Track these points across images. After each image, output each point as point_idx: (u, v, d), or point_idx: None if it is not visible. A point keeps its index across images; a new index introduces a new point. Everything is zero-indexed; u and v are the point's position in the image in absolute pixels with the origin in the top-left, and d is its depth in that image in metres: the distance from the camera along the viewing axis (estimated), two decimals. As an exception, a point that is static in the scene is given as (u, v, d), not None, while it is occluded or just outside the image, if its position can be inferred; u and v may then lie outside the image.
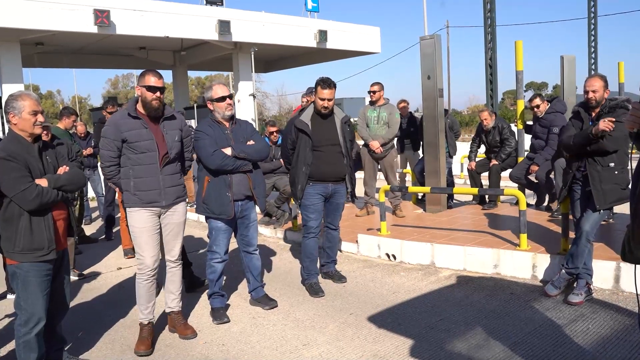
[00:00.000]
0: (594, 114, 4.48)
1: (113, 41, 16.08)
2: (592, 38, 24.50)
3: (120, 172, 3.97)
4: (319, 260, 5.44)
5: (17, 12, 12.63)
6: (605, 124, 4.15)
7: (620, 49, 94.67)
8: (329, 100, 4.94)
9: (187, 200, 4.41)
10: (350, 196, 5.48)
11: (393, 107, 7.63)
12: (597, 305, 4.38)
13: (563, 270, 4.57)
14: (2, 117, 14.25)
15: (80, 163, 7.19)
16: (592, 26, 24.44)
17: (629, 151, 4.45)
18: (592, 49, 24.47)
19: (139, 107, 3.94)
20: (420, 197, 8.79)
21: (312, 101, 5.17)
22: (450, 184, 8.28)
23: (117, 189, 5.89)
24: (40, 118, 3.42)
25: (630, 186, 2.29)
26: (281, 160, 7.51)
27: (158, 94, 3.91)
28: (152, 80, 3.87)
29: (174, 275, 4.24)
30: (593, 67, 24.34)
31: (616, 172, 4.33)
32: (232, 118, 4.46)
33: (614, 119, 4.16)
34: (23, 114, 3.34)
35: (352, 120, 5.48)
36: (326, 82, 4.92)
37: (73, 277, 5.86)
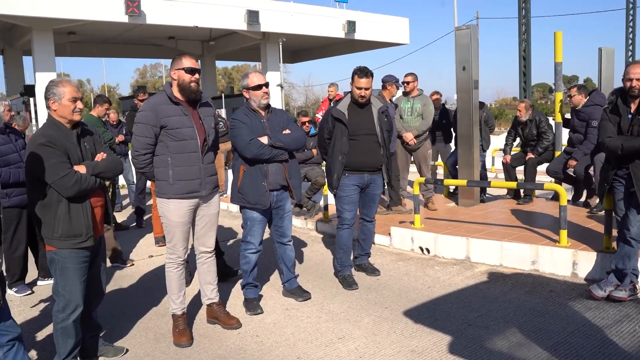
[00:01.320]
0: (633, 107, 4.24)
1: (142, 31, 16.19)
2: (630, 30, 23.85)
3: (152, 161, 3.85)
4: (352, 252, 5.36)
5: (51, 1, 12.77)
6: None
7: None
8: (366, 89, 4.85)
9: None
10: (388, 187, 5.37)
11: (427, 99, 7.50)
12: (643, 306, 4.22)
13: (611, 274, 4.39)
14: (35, 104, 14.47)
15: (113, 150, 7.23)
16: (631, 17, 23.78)
17: None
18: (630, 41, 23.82)
19: (175, 92, 3.82)
20: (452, 191, 8.65)
21: (348, 91, 5.08)
22: (484, 177, 8.12)
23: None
24: (79, 105, 3.40)
25: None
26: (314, 150, 7.45)
27: (197, 75, 3.81)
28: (189, 62, 3.78)
29: (211, 266, 4.20)
30: (630, 59, 23.72)
31: None
32: (268, 107, 4.39)
33: None
34: (63, 100, 3.33)
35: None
36: (363, 71, 4.83)
37: (122, 265, 5.95)
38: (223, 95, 21.26)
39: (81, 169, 3.34)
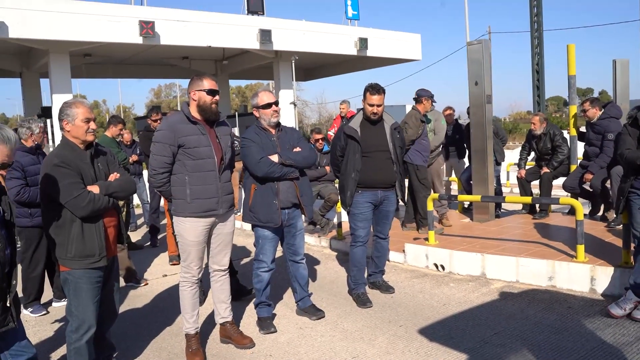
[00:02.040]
0: None
1: (157, 51, 16.39)
2: (643, 42, 23.66)
3: (170, 180, 3.87)
4: (366, 269, 5.32)
5: (67, 24, 12.99)
6: None
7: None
8: (378, 106, 4.85)
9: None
10: (402, 201, 5.35)
11: (439, 114, 7.48)
12: (664, 322, 4.12)
13: (630, 290, 4.30)
14: (52, 125, 14.66)
15: (127, 170, 7.29)
16: (642, 30, 23.62)
17: None
18: (643, 54, 23.64)
19: (193, 111, 3.84)
20: (466, 206, 8.58)
21: (360, 108, 5.09)
22: (499, 192, 8.04)
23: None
24: (92, 125, 3.43)
25: None
26: (327, 167, 7.45)
27: (217, 97, 3.84)
28: (209, 83, 3.80)
29: (224, 284, 4.19)
30: (644, 72, 23.51)
31: None
32: (278, 125, 4.41)
33: None
34: (76, 121, 3.37)
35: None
36: (375, 88, 4.83)
37: (136, 285, 5.97)
38: (237, 114, 21.40)
39: (94, 189, 3.36)
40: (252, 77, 28.29)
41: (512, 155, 12.63)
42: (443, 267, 5.88)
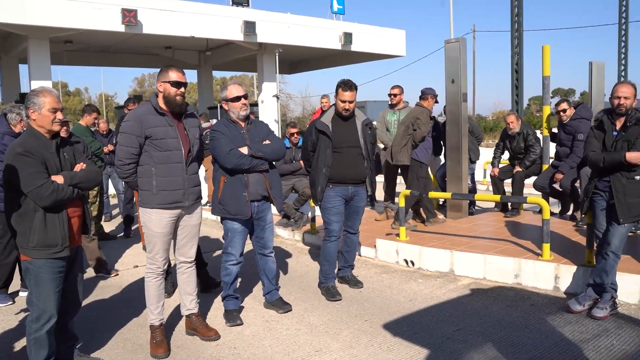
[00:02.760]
0: (618, 124, 4.31)
1: (140, 40, 16.24)
2: (623, 44, 23.99)
3: (136, 171, 3.88)
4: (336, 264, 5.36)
5: (47, 10, 12.83)
6: (636, 158, 4.07)
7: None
8: (350, 102, 4.87)
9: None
10: (370, 200, 5.40)
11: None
12: (622, 321, 4.22)
13: (590, 288, 4.40)
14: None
15: (101, 160, 7.25)
16: (623, 32, 23.93)
17: None
18: (623, 56, 23.96)
19: (161, 103, 3.84)
20: (441, 203, 8.65)
21: (333, 103, 5.11)
22: (472, 190, 8.13)
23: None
24: (59, 115, 3.40)
25: None
26: (301, 161, 7.47)
27: (182, 89, 3.84)
28: (175, 75, 3.80)
29: (190, 276, 4.20)
30: (623, 73, 23.82)
31: None
32: (247, 118, 4.42)
33: None
34: (43, 110, 3.34)
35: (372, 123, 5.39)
36: (347, 84, 4.86)
37: (106, 275, 5.95)
38: (219, 105, 21.31)
39: (59, 179, 3.34)
40: (236, 69, 28.16)
41: (489, 153, 12.74)
42: (413, 263, 5.95)
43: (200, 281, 5.07)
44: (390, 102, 7.47)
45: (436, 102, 7.24)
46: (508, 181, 7.96)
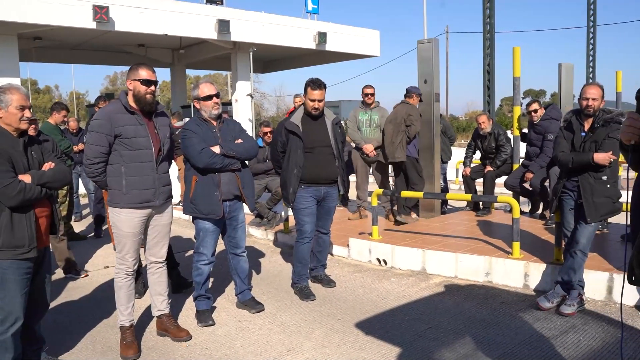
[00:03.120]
0: (587, 125, 4.39)
1: (112, 38, 15.99)
2: (591, 47, 24.50)
3: (106, 170, 3.82)
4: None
5: (15, 5, 12.53)
6: (604, 159, 4.15)
7: (618, 58, 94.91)
8: (319, 101, 4.86)
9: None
10: (343, 199, 5.41)
11: (384, 110, 7.56)
12: (589, 317, 4.31)
13: (558, 285, 4.49)
14: None
15: (71, 159, 7.12)
16: (591, 35, 24.44)
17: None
18: (591, 58, 24.46)
19: (130, 101, 3.79)
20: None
21: (301, 103, 5.08)
22: (444, 189, 8.21)
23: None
24: (27, 113, 3.33)
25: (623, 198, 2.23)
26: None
27: (153, 87, 3.79)
28: (145, 73, 3.75)
29: (161, 276, 4.16)
30: (591, 75, 24.32)
31: (608, 186, 4.28)
32: (219, 117, 4.39)
33: (613, 156, 4.13)
34: (10, 108, 3.26)
35: (342, 123, 5.40)
36: (316, 83, 4.84)
37: (76, 276, 5.84)
38: (192, 104, 21.13)
39: (26, 178, 3.27)
40: (210, 68, 27.89)
41: (461, 153, 12.88)
42: (385, 262, 5.98)
43: (171, 281, 5.03)
44: (366, 102, 7.46)
45: (420, 100, 7.33)
46: (479, 180, 8.06)
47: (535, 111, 7.08)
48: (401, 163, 7.13)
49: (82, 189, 9.69)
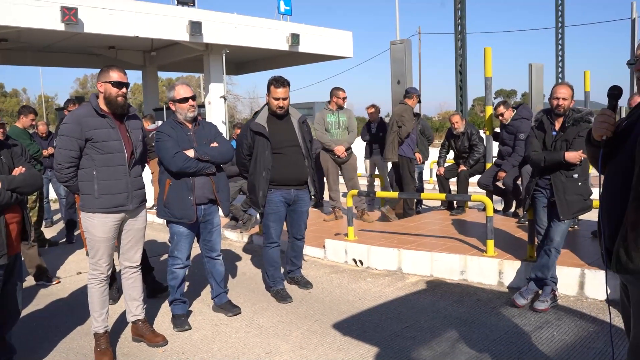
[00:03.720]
0: (557, 125, 4.47)
1: (81, 39, 15.77)
2: (560, 47, 24.94)
3: (77, 175, 3.74)
4: (283, 266, 5.33)
5: (-21, 7, 12.28)
6: (575, 157, 4.21)
7: (586, 58, 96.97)
8: (284, 99, 4.76)
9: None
10: (316, 199, 5.39)
11: (351, 112, 7.59)
12: (561, 312, 4.38)
13: (531, 282, 4.55)
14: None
15: (40, 164, 6.97)
16: (560, 35, 24.89)
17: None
18: (560, 58, 24.90)
19: (101, 104, 3.73)
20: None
21: (265, 103, 4.97)
22: (419, 189, 8.27)
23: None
24: None
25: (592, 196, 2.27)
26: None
27: (124, 90, 3.73)
28: (116, 75, 3.68)
29: (136, 281, 4.10)
30: (560, 75, 24.75)
31: (579, 183, 4.35)
32: (195, 119, 4.34)
33: (583, 155, 4.20)
34: None
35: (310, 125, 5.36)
36: (279, 81, 4.74)
37: (48, 283, 5.72)
38: (165, 107, 20.90)
39: (-5, 183, 3.19)
40: (183, 70, 27.74)
41: (436, 153, 12.99)
42: (361, 262, 6.00)
43: (146, 286, 4.96)
44: (339, 105, 7.44)
45: (419, 101, 7.53)
46: (453, 180, 8.14)
47: (502, 114, 7.17)
48: (395, 163, 7.28)
49: (52, 194, 9.50)
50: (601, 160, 2.25)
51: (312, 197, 5.14)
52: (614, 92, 2.33)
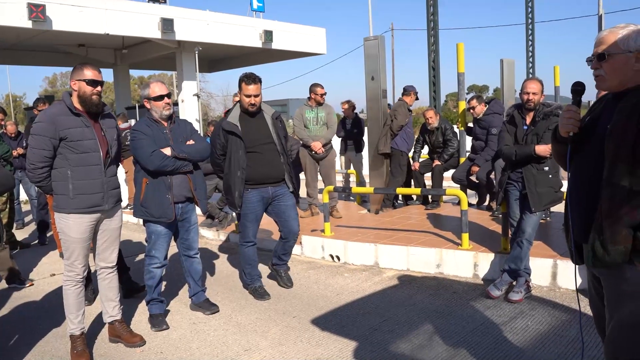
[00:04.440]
0: (528, 119, 4.55)
1: (49, 37, 15.47)
2: (530, 43, 25.36)
3: (51, 175, 3.67)
4: (269, 259, 5.31)
5: (-57, 4, 11.96)
6: (545, 151, 4.29)
7: (556, 54, 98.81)
8: (256, 96, 4.68)
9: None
10: (295, 197, 5.39)
11: (330, 107, 7.60)
12: (535, 302, 4.48)
13: (505, 273, 4.64)
14: None
15: (10, 164, 6.84)
16: (530, 31, 25.30)
17: None
18: (530, 53, 25.32)
19: (75, 102, 3.66)
20: (366, 199, 8.80)
21: (237, 101, 4.91)
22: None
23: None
24: None
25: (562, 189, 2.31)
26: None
27: (99, 88, 3.67)
28: (91, 73, 3.62)
29: (112, 282, 4.05)
30: (531, 70, 25.18)
31: (550, 176, 4.44)
32: (170, 117, 4.31)
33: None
34: None
35: (288, 121, 5.36)
36: (250, 77, 4.67)
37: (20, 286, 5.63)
38: (137, 105, 20.65)
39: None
40: (155, 68, 27.40)
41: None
42: (338, 258, 6.03)
43: (122, 287, 4.91)
44: (318, 101, 7.43)
45: (417, 98, 7.84)
46: (428, 175, 8.22)
47: (474, 108, 7.28)
48: (387, 155, 7.58)
49: (23, 195, 9.33)
50: (568, 157, 2.28)
51: (291, 193, 5.11)
52: (578, 88, 2.36)
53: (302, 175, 7.43)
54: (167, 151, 4.14)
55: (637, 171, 1.98)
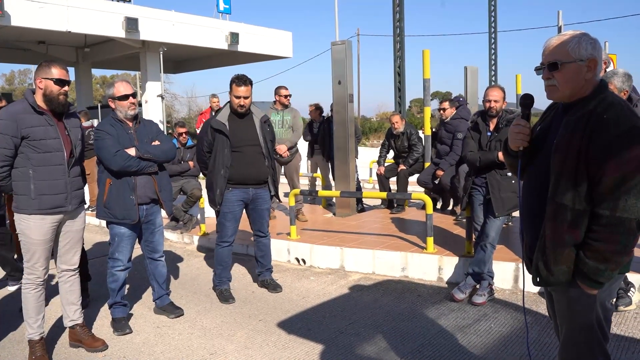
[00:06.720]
0: (492, 125, 4.65)
1: (7, 33, 15.05)
2: (493, 51, 25.91)
3: (11, 174, 3.56)
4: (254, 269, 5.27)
5: None
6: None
7: (518, 62, 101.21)
8: (245, 97, 4.74)
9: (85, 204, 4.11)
10: (277, 199, 5.36)
11: (296, 111, 7.58)
12: (498, 305, 4.57)
13: (469, 276, 4.72)
14: None
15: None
16: (493, 40, 25.86)
17: None
18: (493, 62, 25.87)
19: (39, 101, 3.57)
20: (331, 203, 8.82)
21: (227, 101, 4.96)
22: (357, 188, 8.39)
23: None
24: None
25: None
26: (190, 162, 7.31)
27: (66, 87, 3.58)
28: (58, 72, 3.53)
29: (74, 285, 3.95)
30: (493, 78, 25.71)
31: (513, 182, 4.53)
32: (135, 117, 4.24)
33: None
34: None
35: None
36: (241, 79, 4.73)
37: None
38: (99, 105, 20.25)
39: None
40: (118, 67, 26.97)
41: (374, 153, 13.20)
42: (304, 261, 6.03)
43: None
44: (283, 103, 7.41)
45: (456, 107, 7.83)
46: (393, 179, 8.30)
47: (444, 110, 7.40)
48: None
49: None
50: (520, 171, 2.27)
51: (272, 196, 5.10)
52: (527, 102, 2.31)
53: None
54: (132, 151, 4.07)
55: (580, 188, 1.96)
